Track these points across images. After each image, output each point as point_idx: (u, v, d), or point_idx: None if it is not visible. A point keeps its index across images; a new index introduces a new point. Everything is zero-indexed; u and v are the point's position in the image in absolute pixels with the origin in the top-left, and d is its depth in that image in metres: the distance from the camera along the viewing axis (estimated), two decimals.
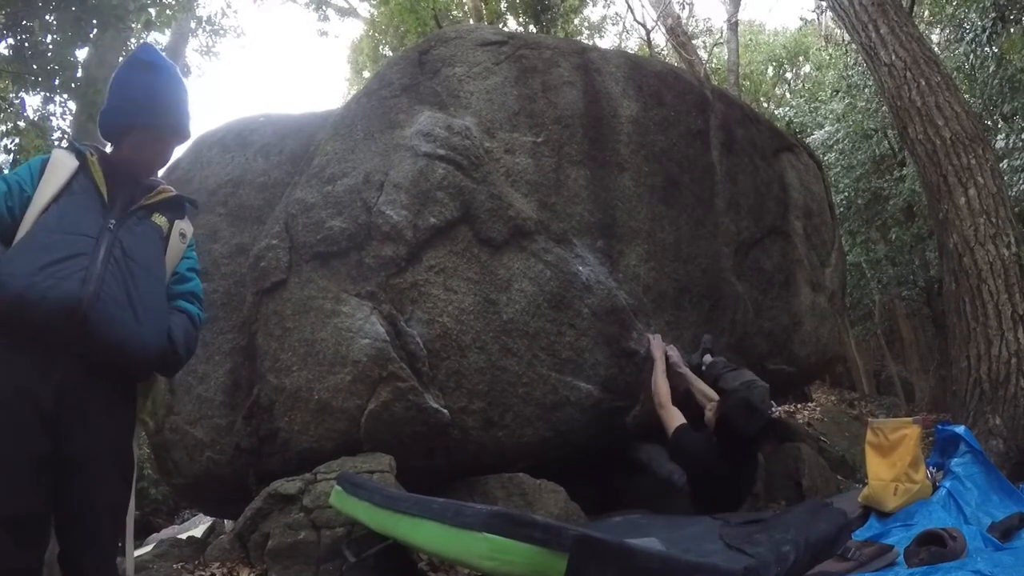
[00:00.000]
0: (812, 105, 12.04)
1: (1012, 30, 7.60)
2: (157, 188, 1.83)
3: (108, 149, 1.86)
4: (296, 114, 3.60)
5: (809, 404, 8.09)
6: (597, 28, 15.06)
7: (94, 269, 1.56)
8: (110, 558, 1.64)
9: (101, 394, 1.57)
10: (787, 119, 11.35)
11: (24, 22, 5.41)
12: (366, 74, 12.69)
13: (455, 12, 12.14)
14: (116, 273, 1.60)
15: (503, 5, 11.89)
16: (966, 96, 6.88)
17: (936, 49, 7.36)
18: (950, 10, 9.27)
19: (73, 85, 5.76)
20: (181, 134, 1.86)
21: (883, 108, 8.45)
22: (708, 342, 3.48)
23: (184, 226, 1.87)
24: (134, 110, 1.77)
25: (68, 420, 1.50)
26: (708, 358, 3.39)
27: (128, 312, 1.59)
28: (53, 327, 1.49)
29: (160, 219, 1.80)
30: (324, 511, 2.35)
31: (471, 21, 11.11)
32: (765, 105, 15.31)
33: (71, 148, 1.79)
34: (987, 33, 7.72)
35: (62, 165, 1.73)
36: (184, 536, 3.51)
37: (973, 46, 8.04)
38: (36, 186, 1.67)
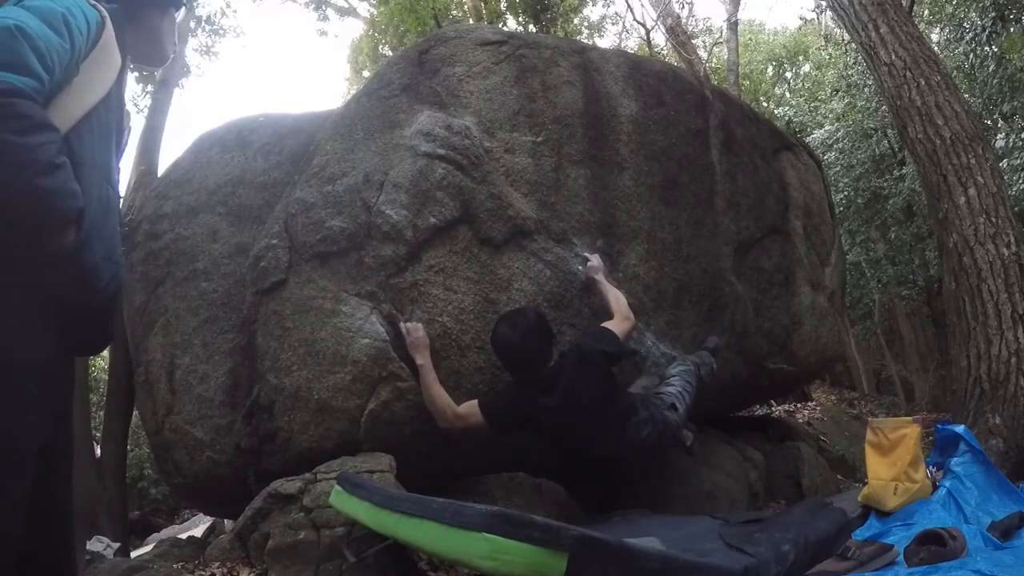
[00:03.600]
0: (812, 104, 12.06)
1: (1012, 29, 7.61)
2: (126, 110, 1.56)
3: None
4: (296, 114, 3.60)
5: (809, 404, 8.11)
6: (597, 27, 15.07)
7: (121, 245, 1.38)
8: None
9: (73, 379, 1.49)
10: (787, 118, 11.35)
11: None
12: (366, 74, 12.69)
13: (455, 12, 12.14)
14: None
15: (503, 5, 11.89)
16: (966, 96, 6.88)
17: (936, 48, 7.35)
18: (950, 9, 9.27)
19: None
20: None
21: (883, 107, 8.46)
22: (712, 343, 3.43)
23: None
24: None
25: (66, 407, 1.40)
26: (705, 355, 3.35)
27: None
28: (98, 315, 1.32)
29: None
30: (324, 511, 2.35)
31: (471, 21, 11.10)
32: (765, 104, 15.32)
33: (117, 29, 1.38)
34: (987, 32, 7.73)
35: (111, 55, 1.35)
36: (184, 536, 3.51)
37: (973, 45, 8.05)
38: (81, 62, 1.28)
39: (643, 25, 13.47)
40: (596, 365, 2.65)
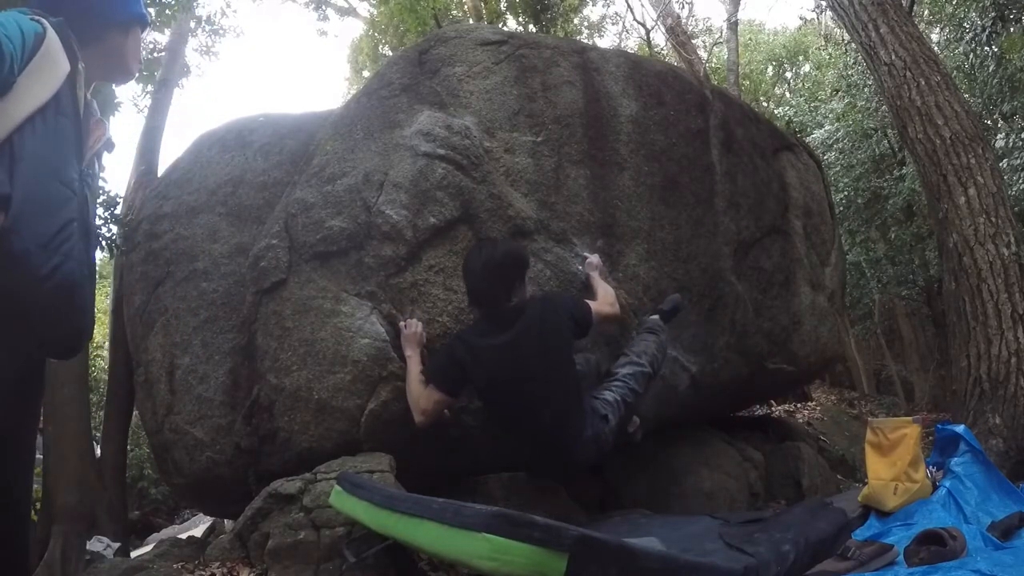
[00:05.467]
0: (812, 104, 12.06)
1: (1012, 29, 7.61)
2: (96, 119, 1.56)
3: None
4: (296, 114, 3.60)
5: (809, 404, 8.11)
6: (597, 27, 15.07)
7: (80, 242, 1.35)
8: None
9: (41, 376, 1.49)
10: (787, 118, 11.35)
11: None
12: (366, 74, 12.69)
13: (455, 12, 12.14)
14: (86, 245, 1.38)
15: (503, 5, 11.89)
16: (966, 96, 6.88)
17: (936, 48, 7.36)
18: (950, 9, 9.27)
19: None
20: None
21: (883, 107, 8.46)
22: (673, 302, 3.16)
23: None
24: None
25: (22, 400, 1.38)
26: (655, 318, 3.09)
27: (93, 297, 1.47)
28: (46, 309, 1.28)
29: (95, 166, 1.58)
30: (324, 511, 2.35)
31: (471, 21, 11.10)
32: (765, 104, 15.32)
33: (63, 39, 1.40)
34: (987, 32, 7.73)
35: (54, 62, 1.37)
36: (184, 536, 3.51)
37: (973, 45, 8.05)
38: (19, 72, 1.30)
39: (643, 25, 13.49)
40: (560, 320, 2.58)
